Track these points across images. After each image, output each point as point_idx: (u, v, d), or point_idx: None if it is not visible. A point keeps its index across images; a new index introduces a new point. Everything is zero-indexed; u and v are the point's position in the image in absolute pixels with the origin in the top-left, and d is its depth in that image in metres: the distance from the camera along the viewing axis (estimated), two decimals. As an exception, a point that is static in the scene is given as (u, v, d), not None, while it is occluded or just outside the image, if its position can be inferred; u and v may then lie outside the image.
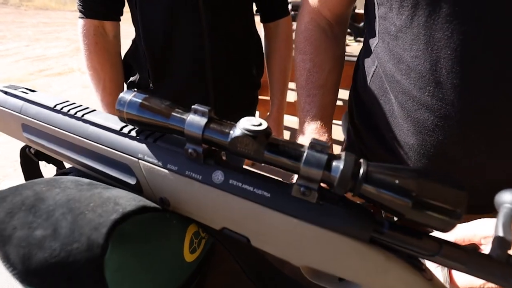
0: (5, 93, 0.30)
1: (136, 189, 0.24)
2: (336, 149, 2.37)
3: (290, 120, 2.74)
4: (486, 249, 0.31)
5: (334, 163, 0.18)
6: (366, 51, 0.51)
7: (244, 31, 0.72)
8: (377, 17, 0.44)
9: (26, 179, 0.34)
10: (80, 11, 0.68)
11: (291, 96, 3.32)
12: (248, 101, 0.84)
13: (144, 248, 0.21)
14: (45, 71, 4.91)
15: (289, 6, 0.82)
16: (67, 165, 0.33)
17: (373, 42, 0.47)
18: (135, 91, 0.23)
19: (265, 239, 0.22)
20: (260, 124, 0.20)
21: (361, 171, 0.18)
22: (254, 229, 0.22)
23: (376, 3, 0.44)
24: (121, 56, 0.75)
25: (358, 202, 0.21)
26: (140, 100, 0.22)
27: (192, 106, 0.21)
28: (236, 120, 0.27)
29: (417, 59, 0.38)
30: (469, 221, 0.29)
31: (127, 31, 0.90)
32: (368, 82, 0.50)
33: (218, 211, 0.22)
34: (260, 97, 0.88)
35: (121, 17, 0.72)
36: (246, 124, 0.20)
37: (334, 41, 0.53)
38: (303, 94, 0.52)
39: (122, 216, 0.19)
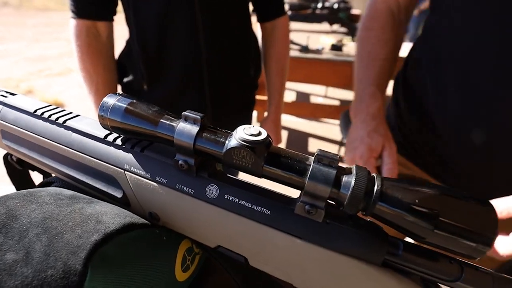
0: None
1: (123, 202, 0.22)
2: (333, 148, 2.35)
3: (288, 120, 2.72)
4: None
5: (344, 179, 0.16)
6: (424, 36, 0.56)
7: (240, 30, 0.70)
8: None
9: (17, 188, 0.32)
10: (72, 11, 0.65)
11: (289, 96, 3.30)
12: (245, 102, 0.82)
13: (131, 271, 0.19)
14: (44, 71, 4.91)
15: (286, 6, 0.80)
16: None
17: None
18: (119, 94, 0.21)
19: (265, 259, 0.20)
20: (259, 134, 0.17)
21: (376, 188, 0.15)
22: (252, 248, 0.20)
23: None
24: (114, 58, 0.73)
25: (369, 219, 0.18)
26: (124, 105, 0.20)
27: (183, 113, 0.19)
28: (233, 123, 0.24)
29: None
30: None
31: (122, 32, 0.88)
32: (423, 63, 0.54)
33: (212, 228, 0.20)
34: (257, 97, 0.86)
35: (115, 17, 0.70)
36: (243, 133, 0.17)
37: (399, 25, 0.59)
38: (362, 66, 0.58)
39: (104, 236, 0.17)
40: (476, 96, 0.46)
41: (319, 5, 1.62)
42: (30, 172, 0.33)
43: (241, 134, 0.18)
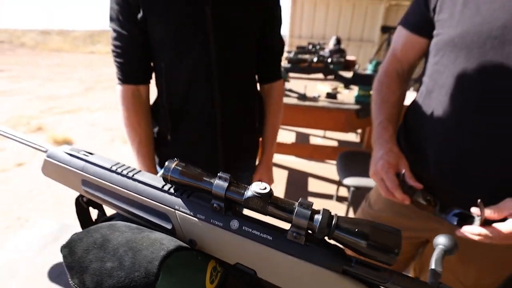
0: (70, 155, 0.39)
1: (171, 232, 0.32)
2: (332, 187, 2.43)
3: (289, 160, 2.84)
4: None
5: (316, 216, 0.26)
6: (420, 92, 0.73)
7: (248, 91, 0.85)
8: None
9: (80, 222, 0.42)
10: (119, 78, 0.78)
11: (289, 137, 3.42)
12: (251, 147, 0.95)
13: (182, 277, 0.28)
14: (55, 109, 5.11)
15: (285, 62, 0.96)
16: (106, 209, 0.42)
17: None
18: (176, 160, 0.32)
19: (268, 271, 0.29)
20: (265, 188, 0.28)
21: (333, 222, 0.26)
22: (260, 264, 0.29)
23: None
24: (150, 112, 0.85)
25: (332, 242, 0.28)
26: (180, 168, 0.31)
27: (218, 174, 0.30)
28: (242, 165, 0.35)
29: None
30: None
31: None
32: (419, 104, 0.71)
33: (233, 250, 0.30)
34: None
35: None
36: (256, 188, 0.28)
37: (404, 81, 0.79)
38: (377, 107, 0.76)
39: (167, 253, 0.27)
40: (451, 150, 0.62)
41: (315, 59, 1.83)
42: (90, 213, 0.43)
43: (254, 188, 0.28)
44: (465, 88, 0.59)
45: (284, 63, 1.83)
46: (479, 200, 0.54)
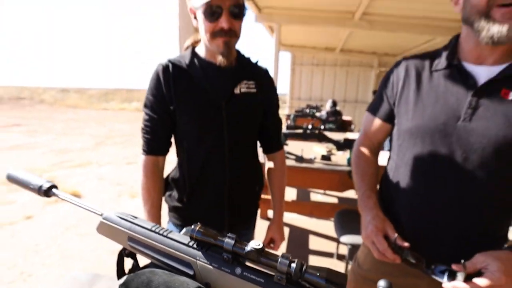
0: (120, 218, 0.53)
1: (192, 277, 0.45)
2: (331, 244, 2.45)
3: (290, 217, 2.91)
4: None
5: (292, 264, 0.40)
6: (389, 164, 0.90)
7: (251, 162, 1.03)
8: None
9: (117, 269, 0.55)
10: (144, 150, 0.96)
11: (290, 195, 3.50)
12: (251, 208, 1.10)
13: None
14: (66, 163, 5.31)
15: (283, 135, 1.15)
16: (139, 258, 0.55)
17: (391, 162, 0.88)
18: (199, 224, 0.46)
19: None
20: (259, 245, 0.42)
21: (303, 268, 0.39)
22: None
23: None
24: (163, 179, 1.01)
25: (304, 283, 0.41)
26: (202, 230, 0.45)
27: (227, 234, 0.45)
28: (244, 221, 0.49)
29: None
30: None
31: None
32: (390, 177, 0.87)
33: None
34: (262, 196, 1.14)
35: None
36: (253, 244, 0.43)
37: (375, 155, 0.95)
38: (359, 179, 0.89)
39: None
40: (419, 214, 0.77)
41: (309, 126, 2.07)
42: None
43: (252, 245, 0.42)
44: (423, 166, 0.76)
45: (283, 129, 2.06)
46: (462, 261, 0.64)
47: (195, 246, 0.47)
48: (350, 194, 3.98)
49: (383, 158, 0.94)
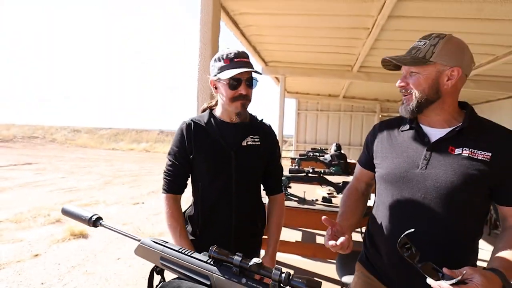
0: (154, 242, 0.67)
1: (209, 286, 0.58)
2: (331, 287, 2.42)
3: (294, 259, 2.90)
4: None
5: (283, 275, 0.52)
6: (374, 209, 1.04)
7: (256, 203, 1.20)
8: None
9: (148, 285, 0.67)
10: (164, 189, 1.14)
11: (296, 236, 3.50)
12: (256, 242, 1.22)
13: None
14: (74, 201, 5.40)
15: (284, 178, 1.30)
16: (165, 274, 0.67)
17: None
18: (215, 246, 0.60)
19: None
20: (259, 261, 0.55)
21: (290, 277, 0.52)
22: None
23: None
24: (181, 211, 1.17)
25: None
26: (218, 251, 0.59)
27: (236, 253, 0.58)
28: (248, 255, 0.64)
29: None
30: None
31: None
32: (373, 214, 1.01)
33: None
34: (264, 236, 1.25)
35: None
36: (255, 260, 0.56)
37: (364, 195, 1.11)
38: (339, 212, 1.02)
39: None
40: (394, 244, 0.85)
41: (311, 169, 2.22)
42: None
43: (254, 260, 0.55)
44: (394, 204, 0.92)
45: (285, 173, 2.21)
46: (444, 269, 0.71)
47: (211, 262, 0.60)
48: (356, 236, 3.95)
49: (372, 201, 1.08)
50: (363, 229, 1.11)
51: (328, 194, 2.32)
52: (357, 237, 3.85)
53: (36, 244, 3.30)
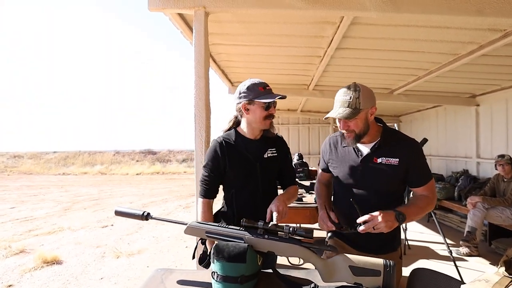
0: (199, 223, 0.98)
1: (244, 243, 0.90)
2: None
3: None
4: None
5: (291, 229, 0.88)
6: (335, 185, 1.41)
7: (273, 195, 1.44)
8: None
9: (194, 252, 0.97)
10: (201, 195, 1.39)
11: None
12: None
13: (251, 256, 0.85)
14: (34, 231, 5.05)
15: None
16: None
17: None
18: (246, 219, 0.93)
19: (279, 252, 0.88)
20: (275, 223, 0.90)
21: (295, 230, 0.88)
22: (275, 248, 0.89)
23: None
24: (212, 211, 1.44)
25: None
26: (247, 220, 0.91)
27: (259, 220, 0.92)
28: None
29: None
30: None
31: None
32: (335, 195, 1.39)
33: (266, 245, 0.89)
34: None
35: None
36: (272, 222, 0.90)
37: (326, 185, 1.49)
38: (317, 197, 1.43)
39: (247, 246, 0.86)
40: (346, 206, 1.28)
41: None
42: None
43: (272, 223, 0.91)
44: (344, 191, 1.31)
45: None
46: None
47: (243, 230, 0.93)
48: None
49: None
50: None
51: (299, 195, 2.74)
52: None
53: (6, 276, 3.15)
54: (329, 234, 1.08)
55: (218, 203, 1.46)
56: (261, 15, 2.31)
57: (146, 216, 1.02)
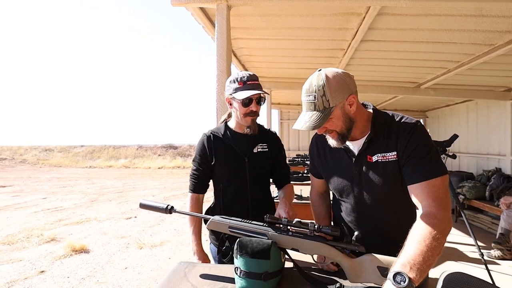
0: (221, 217, 0.97)
1: (268, 239, 0.89)
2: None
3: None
4: None
5: (316, 226, 0.85)
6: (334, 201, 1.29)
7: (265, 197, 1.42)
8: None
9: (218, 246, 0.96)
10: (190, 189, 1.38)
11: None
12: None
13: (274, 252, 0.84)
14: (63, 220, 5.34)
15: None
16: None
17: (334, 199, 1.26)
18: (268, 215, 0.91)
19: (302, 249, 0.86)
20: (300, 220, 0.88)
21: (321, 227, 0.85)
22: (299, 245, 0.86)
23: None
24: (202, 208, 1.41)
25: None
26: (271, 216, 0.89)
27: (283, 217, 0.90)
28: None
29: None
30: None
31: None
32: (335, 204, 1.23)
33: (289, 242, 0.86)
34: None
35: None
36: (297, 219, 0.88)
37: (323, 197, 1.29)
38: (318, 221, 1.24)
39: (271, 243, 0.84)
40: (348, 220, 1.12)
41: (306, 171, 2.59)
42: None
43: (296, 219, 0.88)
44: (343, 199, 1.12)
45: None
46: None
47: (267, 226, 0.92)
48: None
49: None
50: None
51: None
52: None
53: (38, 262, 3.34)
54: (356, 233, 0.94)
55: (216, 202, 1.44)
56: (283, 8, 2.25)
57: (170, 210, 1.02)
